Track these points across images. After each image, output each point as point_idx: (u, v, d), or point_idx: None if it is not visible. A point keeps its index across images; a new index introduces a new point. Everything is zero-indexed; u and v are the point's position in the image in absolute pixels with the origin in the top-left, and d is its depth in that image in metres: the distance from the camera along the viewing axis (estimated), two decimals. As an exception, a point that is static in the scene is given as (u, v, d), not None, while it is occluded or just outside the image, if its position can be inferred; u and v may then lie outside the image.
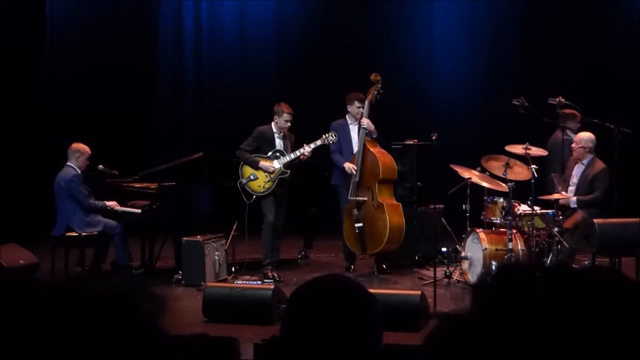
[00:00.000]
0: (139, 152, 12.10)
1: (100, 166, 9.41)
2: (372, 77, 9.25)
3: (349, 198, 9.19)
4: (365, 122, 9.14)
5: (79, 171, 8.97)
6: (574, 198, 8.37)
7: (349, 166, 9.14)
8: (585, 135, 8.74)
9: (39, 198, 10.59)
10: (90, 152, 9.06)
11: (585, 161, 8.65)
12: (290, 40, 13.33)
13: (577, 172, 8.72)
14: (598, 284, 1.00)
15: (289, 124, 9.08)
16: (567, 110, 9.21)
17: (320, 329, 1.58)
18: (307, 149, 8.95)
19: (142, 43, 13.16)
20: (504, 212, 8.39)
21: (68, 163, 9.00)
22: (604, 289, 0.99)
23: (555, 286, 0.97)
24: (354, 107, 9.26)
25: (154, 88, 13.36)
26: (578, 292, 0.98)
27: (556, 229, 8.11)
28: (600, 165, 8.58)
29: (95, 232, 8.91)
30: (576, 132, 9.12)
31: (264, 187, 9.03)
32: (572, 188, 8.70)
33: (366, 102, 9.21)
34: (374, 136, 9.23)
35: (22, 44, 12.10)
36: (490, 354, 0.95)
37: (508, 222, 8.26)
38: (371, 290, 1.73)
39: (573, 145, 8.74)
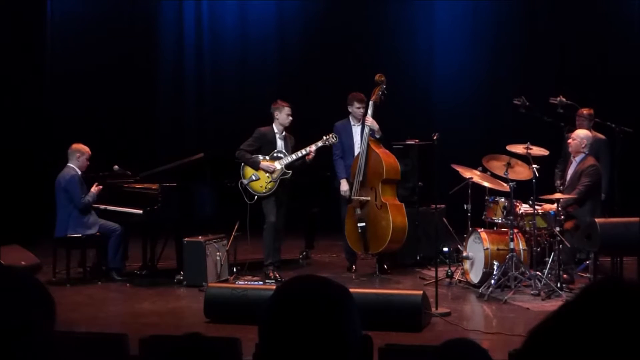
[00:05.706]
0: (140, 152, 12.09)
1: (116, 167, 9.45)
2: (377, 77, 9.24)
3: (352, 197, 9.18)
4: (370, 121, 9.14)
5: (79, 172, 8.99)
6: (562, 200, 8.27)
7: (343, 189, 9.21)
8: (582, 133, 8.74)
9: (41, 199, 10.58)
10: (90, 152, 9.07)
11: (578, 158, 8.65)
12: (292, 40, 13.31)
13: (571, 169, 8.72)
14: None
15: (290, 118, 9.05)
16: (586, 111, 9.23)
17: (293, 330, 1.55)
18: (312, 148, 8.92)
19: (142, 43, 13.15)
20: (505, 212, 8.38)
21: (69, 164, 9.02)
22: None
23: None
24: (353, 108, 9.27)
25: (155, 88, 13.35)
26: None
27: (558, 229, 8.10)
28: (590, 161, 8.56)
29: (97, 233, 8.92)
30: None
31: (266, 188, 9.01)
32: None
33: (370, 103, 9.20)
34: (378, 136, 9.22)
35: (23, 45, 12.09)
36: None
37: (509, 221, 8.25)
38: (373, 291, 1.72)
39: (569, 141, 8.74)
